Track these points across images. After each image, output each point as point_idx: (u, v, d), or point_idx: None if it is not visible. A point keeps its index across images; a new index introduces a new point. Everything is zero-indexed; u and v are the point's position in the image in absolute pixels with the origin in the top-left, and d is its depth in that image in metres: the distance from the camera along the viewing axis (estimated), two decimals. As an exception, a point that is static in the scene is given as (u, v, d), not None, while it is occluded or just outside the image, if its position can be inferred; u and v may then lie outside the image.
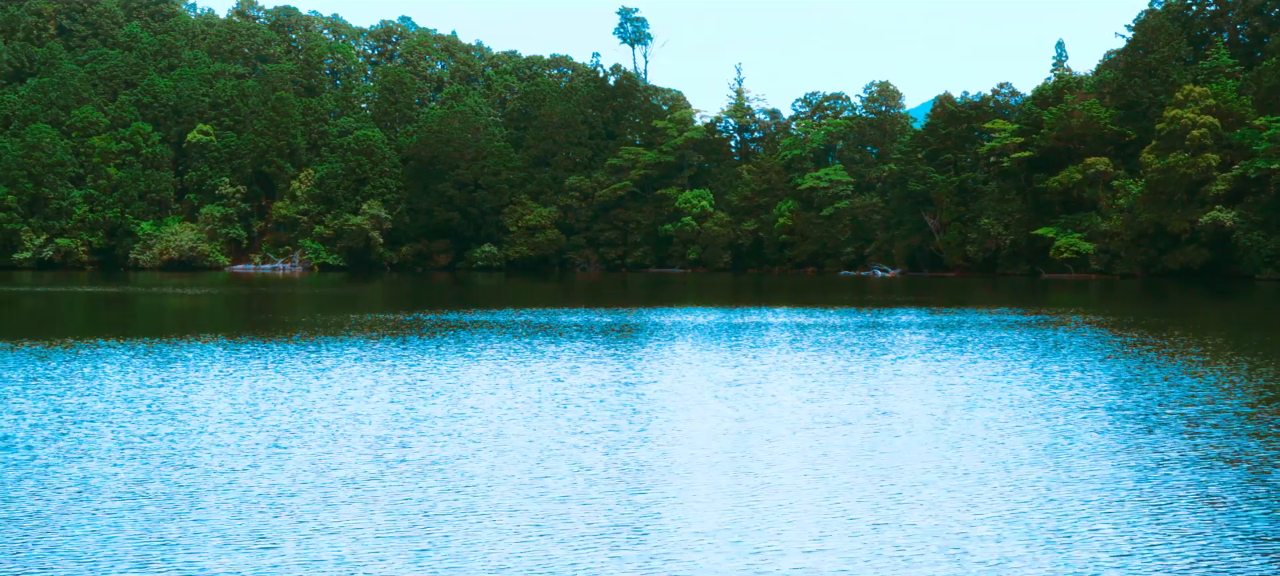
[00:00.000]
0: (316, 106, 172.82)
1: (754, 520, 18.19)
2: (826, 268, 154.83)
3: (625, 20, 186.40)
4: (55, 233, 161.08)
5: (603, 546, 16.69)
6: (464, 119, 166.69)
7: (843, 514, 18.50)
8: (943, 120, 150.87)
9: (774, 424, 27.32)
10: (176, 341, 47.27)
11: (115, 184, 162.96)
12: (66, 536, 17.04)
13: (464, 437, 25.21)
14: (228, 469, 21.83)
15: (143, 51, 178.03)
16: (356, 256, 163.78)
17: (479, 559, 16.08)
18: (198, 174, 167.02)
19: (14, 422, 26.76)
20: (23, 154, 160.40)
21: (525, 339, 49.37)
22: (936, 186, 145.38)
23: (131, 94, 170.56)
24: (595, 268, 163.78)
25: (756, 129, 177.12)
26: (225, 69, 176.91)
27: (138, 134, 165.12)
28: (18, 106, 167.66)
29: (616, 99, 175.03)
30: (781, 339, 50.32)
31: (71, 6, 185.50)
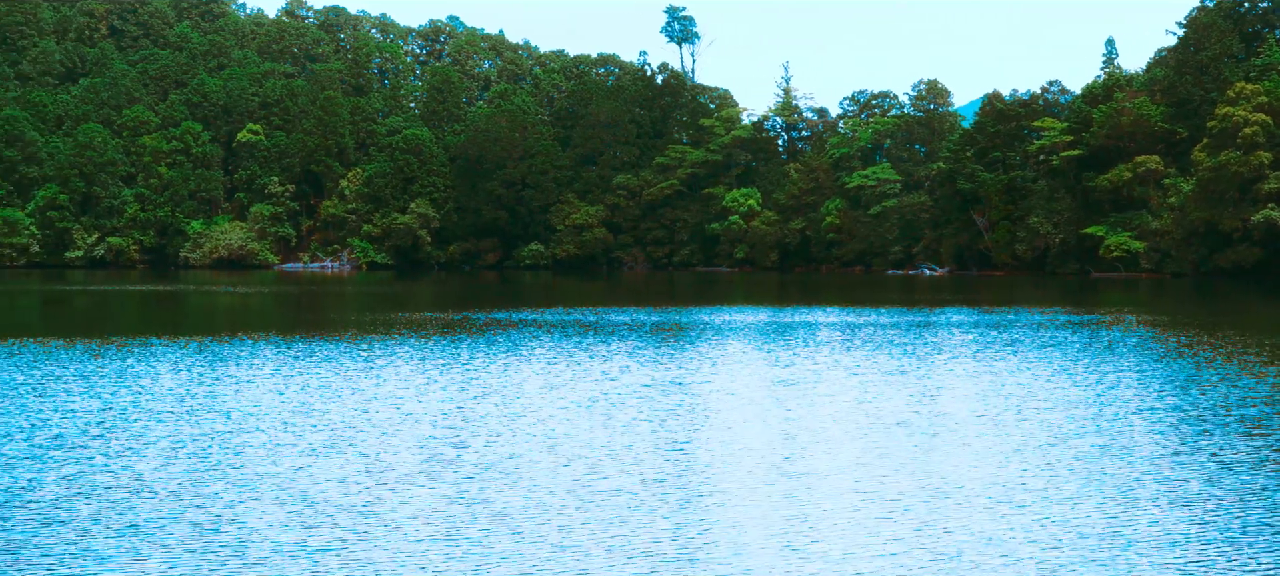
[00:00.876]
0: (365, 106, 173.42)
1: (803, 521, 18.07)
2: (874, 266, 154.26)
3: (672, 19, 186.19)
4: (107, 231, 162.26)
5: (652, 547, 16.61)
6: (511, 118, 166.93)
7: (892, 516, 18.36)
8: (991, 118, 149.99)
9: (825, 424, 27.18)
10: (228, 339, 47.48)
11: (166, 183, 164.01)
12: (118, 536, 17.08)
13: (517, 437, 25.18)
14: (281, 468, 21.86)
15: (193, 51, 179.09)
16: (404, 255, 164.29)
17: (531, 559, 16.03)
18: (247, 173, 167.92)
19: (68, 421, 26.90)
20: (75, 153, 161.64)
21: (575, 338, 49.35)
22: (985, 185, 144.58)
23: (182, 93, 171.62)
24: (642, 266, 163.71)
25: (804, 127, 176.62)
26: (274, 68, 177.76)
27: (188, 133, 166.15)
28: (70, 106, 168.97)
29: (664, 97, 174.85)
30: (831, 338, 50.11)
31: (123, 7, 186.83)
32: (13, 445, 23.84)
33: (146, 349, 43.15)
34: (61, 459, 22.51)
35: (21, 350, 42.15)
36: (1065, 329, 54.61)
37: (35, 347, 43.12)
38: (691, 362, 40.16)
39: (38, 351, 41.74)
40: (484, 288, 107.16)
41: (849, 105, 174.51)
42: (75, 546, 16.50)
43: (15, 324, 61.53)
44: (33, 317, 67.88)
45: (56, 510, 18.51)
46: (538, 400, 30.74)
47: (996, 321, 59.87)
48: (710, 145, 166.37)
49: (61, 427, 25.98)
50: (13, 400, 29.94)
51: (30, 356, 40.04)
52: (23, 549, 16.35)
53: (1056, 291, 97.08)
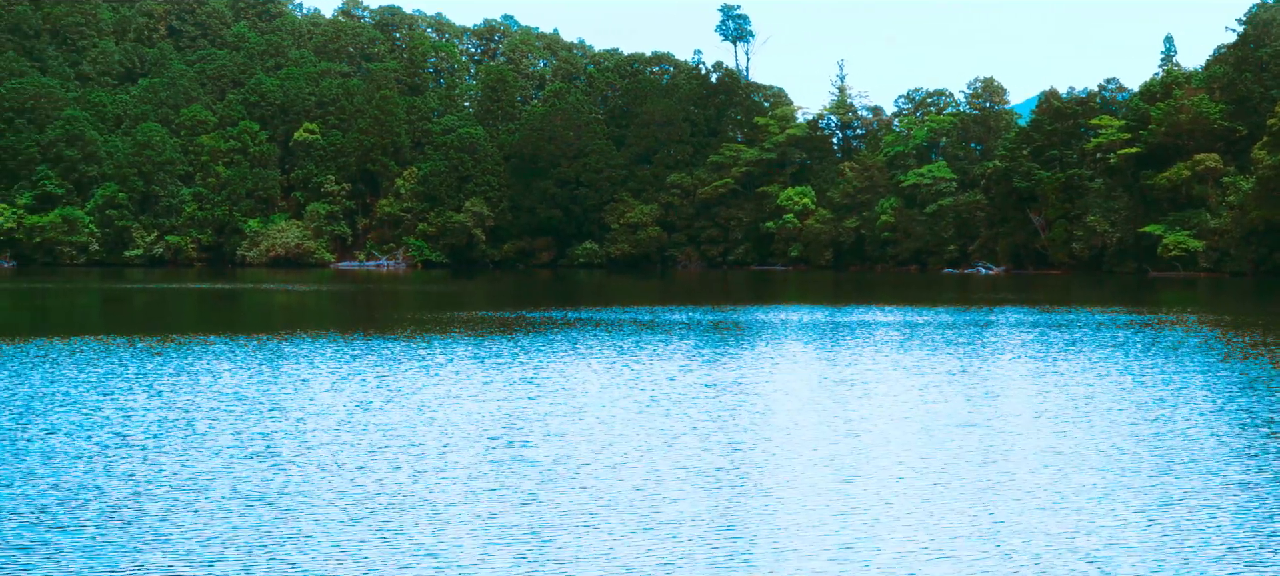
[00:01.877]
0: (420, 105, 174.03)
1: (861, 523, 17.95)
2: (929, 265, 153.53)
3: (727, 17, 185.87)
4: (165, 230, 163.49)
5: (710, 550, 16.54)
6: (566, 116, 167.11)
7: (951, 519, 18.20)
8: (1048, 116, 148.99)
9: (884, 425, 27.03)
10: (286, 337, 47.70)
11: (223, 182, 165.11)
12: (178, 536, 17.15)
13: (576, 436, 25.15)
14: (342, 468, 21.91)
15: (250, 51, 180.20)
16: (459, 254, 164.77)
17: (590, 561, 15.98)
18: (304, 172, 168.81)
19: (127, 419, 27.07)
20: (134, 153, 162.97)
21: (632, 336, 49.31)
22: (1041, 183, 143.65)
23: (239, 93, 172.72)
24: (696, 265, 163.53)
25: (859, 126, 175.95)
26: (331, 68, 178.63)
27: (245, 133, 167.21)
28: (129, 106, 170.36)
29: (718, 96, 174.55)
30: (889, 338, 49.87)
31: (181, 7, 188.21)
32: (76, 443, 24.01)
33: (205, 347, 43.41)
34: (124, 457, 22.64)
35: (83, 348, 42.50)
36: (1127, 329, 54.13)
37: (97, 345, 43.46)
38: (749, 362, 40.05)
39: (99, 349, 42.07)
40: (539, 286, 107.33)
41: (904, 103, 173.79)
42: (138, 545, 16.58)
43: (77, 322, 62.08)
44: (93, 316, 68.46)
45: (119, 509, 18.60)
46: (597, 399, 30.71)
47: (1056, 321, 59.43)
48: (765, 144, 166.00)
49: (123, 426, 26.15)
50: (76, 398, 30.17)
51: (92, 354, 40.35)
52: (86, 547, 16.44)
53: (1114, 291, 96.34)
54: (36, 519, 17.88)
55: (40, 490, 19.71)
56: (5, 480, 20.49)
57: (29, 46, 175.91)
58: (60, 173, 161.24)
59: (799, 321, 59.83)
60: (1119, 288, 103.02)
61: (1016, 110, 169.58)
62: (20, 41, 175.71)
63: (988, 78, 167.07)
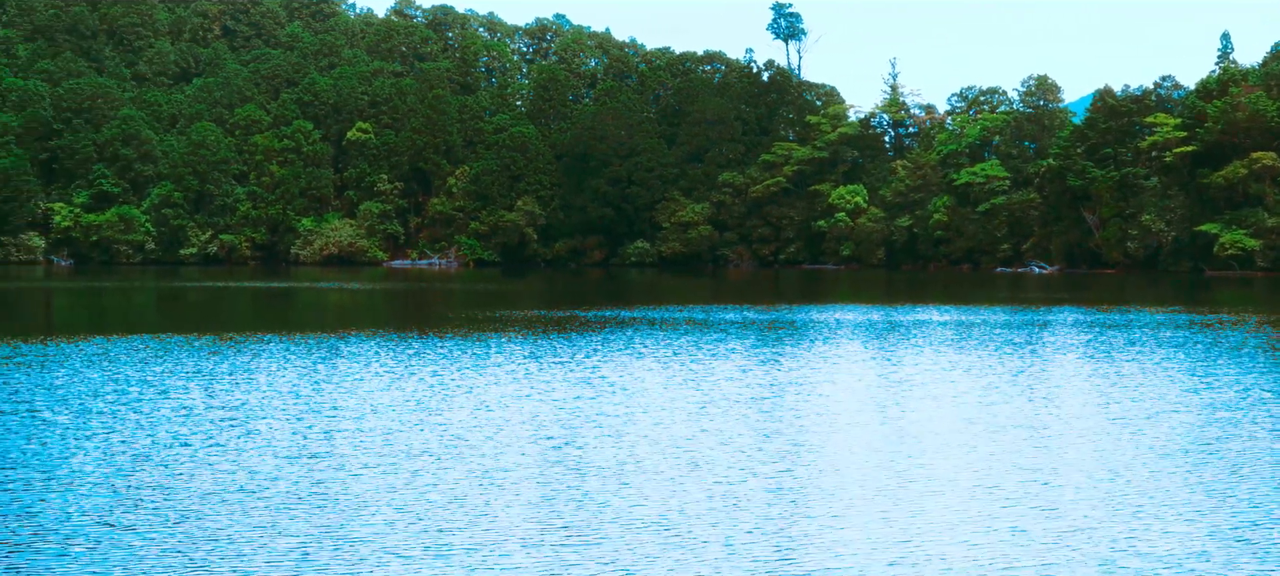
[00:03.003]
0: (472, 104, 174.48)
1: (914, 527, 17.86)
2: (982, 264, 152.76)
3: (779, 16, 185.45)
4: (220, 228, 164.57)
5: (764, 551, 16.50)
6: (617, 115, 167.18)
7: (1002, 523, 18.06)
8: (1103, 114, 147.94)
9: (943, 428, 26.89)
10: (343, 335, 47.91)
11: (277, 181, 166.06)
12: (235, 536, 17.24)
13: (631, 438, 25.14)
14: (398, 469, 21.97)
15: (304, 51, 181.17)
16: (511, 252, 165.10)
17: (645, 563, 15.97)
18: (357, 171, 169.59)
19: (185, 418, 27.24)
20: (189, 152, 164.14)
21: (686, 336, 49.26)
22: (1096, 182, 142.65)
23: (293, 93, 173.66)
24: (748, 264, 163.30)
25: (911, 124, 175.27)
26: (383, 67, 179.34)
27: (299, 132, 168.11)
28: (184, 106, 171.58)
29: (770, 95, 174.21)
30: (944, 337, 49.63)
31: (235, 7, 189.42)
32: (135, 442, 24.18)
33: (261, 345, 43.67)
34: (182, 456, 22.79)
35: (141, 347, 42.82)
36: (1187, 329, 53.62)
37: (154, 344, 43.79)
38: (805, 362, 39.94)
39: (157, 347, 42.39)
40: (590, 285, 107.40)
41: (957, 101, 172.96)
42: (196, 545, 16.68)
43: (134, 320, 62.58)
44: (150, 314, 68.99)
45: (176, 509, 18.73)
46: (654, 400, 30.69)
47: (1114, 321, 58.98)
48: (816, 142, 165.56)
49: (181, 425, 26.31)
50: (134, 396, 30.39)
51: (150, 352, 40.65)
52: (145, 547, 16.54)
53: (1171, 290, 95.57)
54: (96, 519, 18.02)
55: (99, 490, 19.86)
56: (66, 479, 20.67)
57: (86, 47, 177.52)
58: (117, 172, 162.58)
59: (854, 321, 59.63)
60: (1175, 287, 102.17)
61: (1071, 108, 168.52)
62: (78, 42, 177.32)
63: (1042, 75, 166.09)
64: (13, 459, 22.29)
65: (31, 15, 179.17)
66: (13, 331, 50.28)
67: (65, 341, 44.70)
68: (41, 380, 33.30)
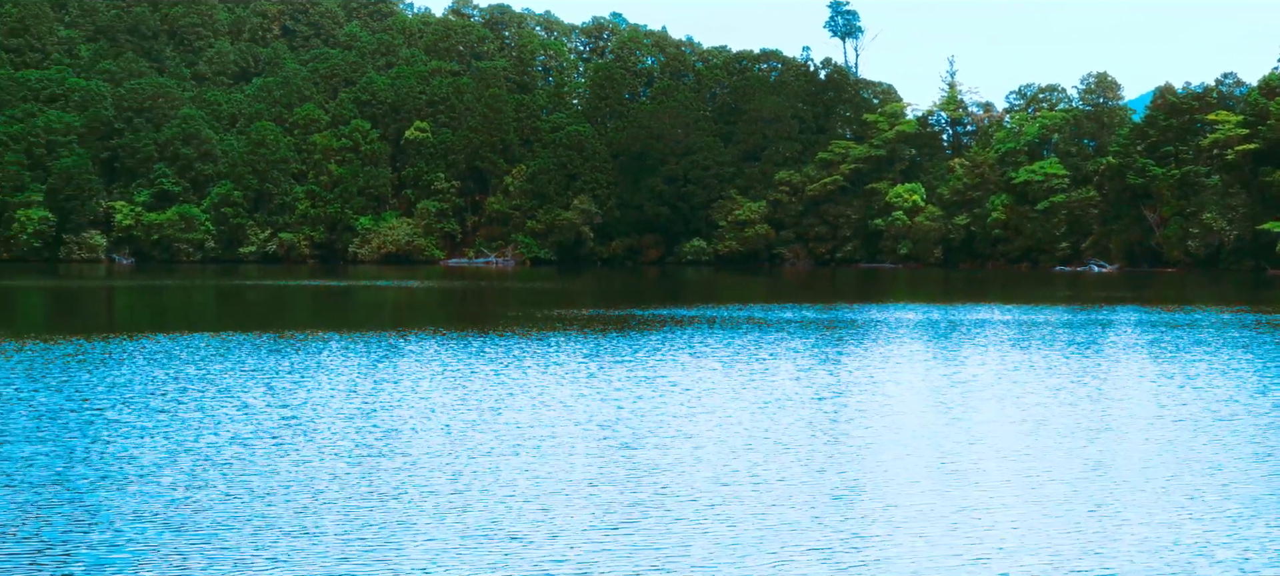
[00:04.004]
0: (529, 103, 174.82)
1: (972, 529, 17.75)
2: (1041, 263, 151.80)
3: (836, 13, 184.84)
4: (279, 227, 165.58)
5: (820, 553, 16.44)
6: (674, 114, 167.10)
7: (1059, 528, 17.89)
8: (1163, 112, 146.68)
9: (1001, 428, 26.70)
10: (402, 333, 48.09)
11: (336, 180, 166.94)
12: (294, 537, 17.30)
13: (695, 438, 25.10)
14: (460, 471, 22.01)
15: (362, 50, 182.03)
16: (567, 251, 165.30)
17: (706, 565, 15.94)
18: (414, 170, 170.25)
19: (246, 417, 27.37)
20: (248, 151, 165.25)
21: (746, 334, 49.16)
22: (1156, 180, 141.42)
23: (351, 92, 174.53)
24: (804, 263, 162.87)
25: (969, 122, 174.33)
26: (441, 67, 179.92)
27: (357, 131, 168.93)
28: (244, 105, 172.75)
29: (827, 93, 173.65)
30: (1005, 337, 49.30)
31: (294, 7, 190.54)
32: (197, 440, 24.33)
33: (321, 343, 43.88)
34: (243, 455, 22.90)
35: (201, 344, 43.12)
36: (1254, 329, 53.01)
37: (215, 341, 44.10)
38: (864, 361, 39.77)
39: (217, 345, 42.68)
40: (647, 284, 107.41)
41: (1015, 99, 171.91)
42: (257, 545, 16.75)
43: (195, 318, 63.06)
44: (210, 312, 69.50)
45: (236, 509, 18.83)
46: (716, 400, 30.64)
47: (1179, 320, 58.41)
48: (874, 140, 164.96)
49: (243, 423, 26.46)
50: (195, 395, 30.60)
51: (211, 350, 40.92)
52: (206, 547, 16.64)
53: (1233, 289, 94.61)
54: (157, 518, 18.14)
55: (161, 489, 19.99)
56: (127, 478, 20.81)
57: (147, 47, 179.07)
58: (177, 171, 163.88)
59: (914, 320, 59.34)
60: (1237, 286, 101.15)
61: (1130, 106, 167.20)
62: (139, 42, 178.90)
63: (1101, 73, 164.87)
64: (75, 457, 22.48)
65: (94, 16, 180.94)
66: (76, 329, 50.77)
67: (127, 339, 45.09)
68: (103, 378, 33.59)
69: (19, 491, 19.60)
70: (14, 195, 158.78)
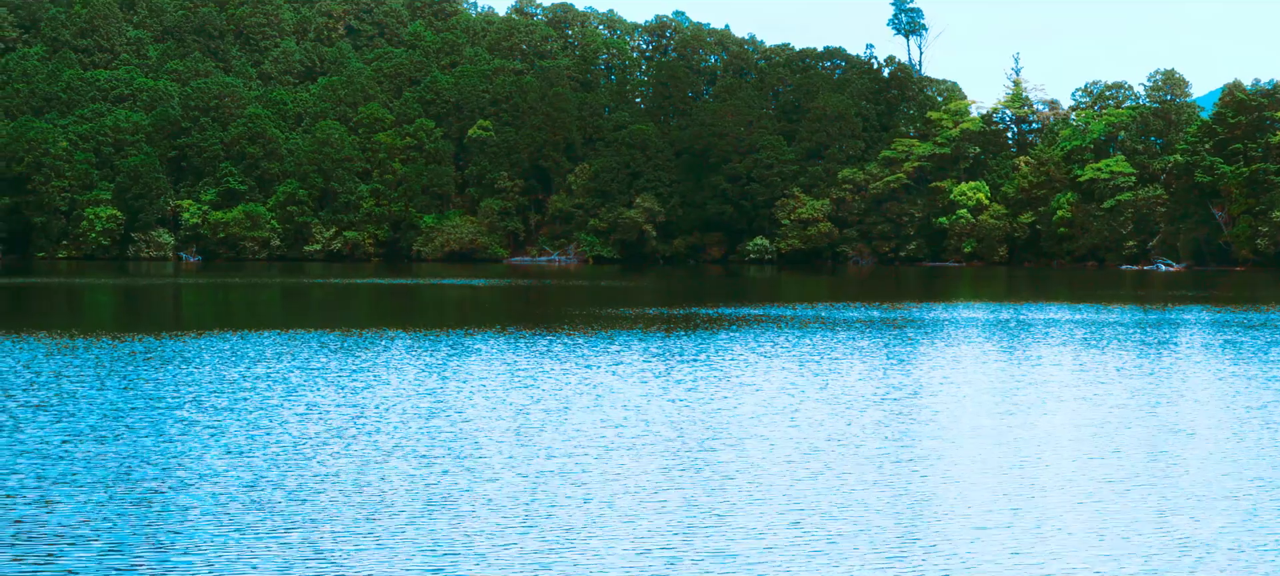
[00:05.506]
0: (592, 101, 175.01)
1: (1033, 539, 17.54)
2: (1107, 261, 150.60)
3: (900, 11, 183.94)
4: (344, 225, 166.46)
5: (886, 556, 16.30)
6: (737, 112, 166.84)
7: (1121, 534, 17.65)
8: (1232, 109, 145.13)
9: (1070, 432, 26.43)
10: (467, 332, 48.18)
11: (400, 178, 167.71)
12: (359, 540, 17.30)
13: (763, 439, 24.99)
14: (522, 473, 21.98)
15: (426, 49, 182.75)
16: (630, 249, 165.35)
17: (769, 566, 15.83)
18: (477, 168, 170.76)
19: (312, 415, 27.44)
20: (313, 150, 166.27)
21: (812, 334, 48.95)
22: (1225, 178, 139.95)
23: (415, 91, 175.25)
24: (868, 261, 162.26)
25: (1034, 120, 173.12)
26: (504, 66, 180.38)
27: (421, 130, 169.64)
28: (309, 104, 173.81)
29: (891, 91, 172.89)
30: (1076, 337, 48.84)
31: (359, 7, 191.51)
32: (263, 439, 24.43)
33: (387, 341, 44.03)
34: (308, 455, 22.96)
35: (268, 342, 43.36)
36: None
37: (282, 339, 44.34)
38: (933, 362, 39.50)
39: (284, 342, 42.91)
40: (710, 283, 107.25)
41: (1081, 96, 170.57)
42: (323, 549, 16.78)
43: (261, 316, 63.46)
44: (276, 310, 69.93)
45: (303, 511, 18.86)
46: (784, 402, 30.50)
47: (1250, 320, 57.68)
48: (938, 138, 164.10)
49: (309, 424, 26.54)
50: (262, 393, 30.75)
51: (278, 348, 41.14)
52: (269, 547, 16.67)
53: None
54: (223, 518, 18.20)
55: (228, 490, 20.05)
56: (193, 478, 20.91)
57: (214, 47, 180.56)
58: (243, 170, 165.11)
59: (982, 319, 58.91)
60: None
61: (1198, 103, 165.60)
62: (206, 42, 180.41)
63: (1168, 70, 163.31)
64: (143, 456, 22.62)
65: (161, 16, 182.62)
66: (144, 327, 51.20)
67: (194, 337, 45.43)
68: (171, 376, 33.83)
69: (88, 491, 19.72)
70: (83, 194, 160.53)
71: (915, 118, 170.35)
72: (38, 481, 20.32)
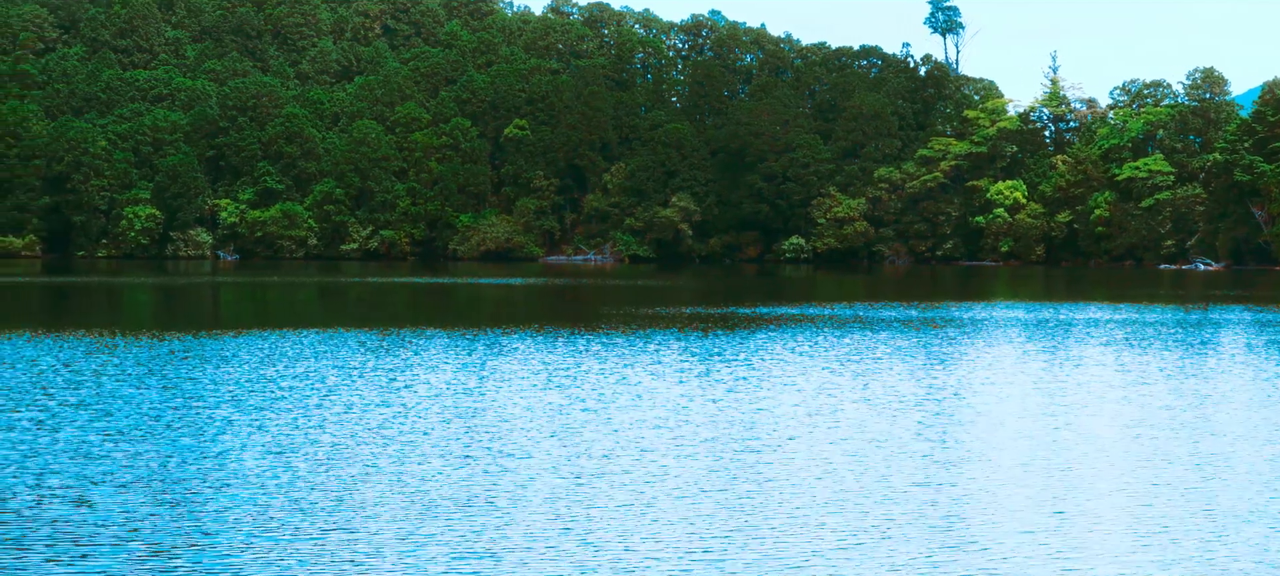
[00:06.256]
0: (628, 100, 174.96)
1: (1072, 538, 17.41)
2: (1145, 261, 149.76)
3: (936, 9, 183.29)
4: (380, 224, 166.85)
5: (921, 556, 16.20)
6: (773, 111, 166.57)
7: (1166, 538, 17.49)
8: (1271, 107, 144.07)
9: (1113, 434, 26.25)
10: (503, 331, 48.18)
11: (436, 178, 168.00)
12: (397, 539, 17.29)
13: (810, 441, 24.90)
14: (560, 475, 21.94)
15: (462, 49, 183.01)
16: (666, 248, 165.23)
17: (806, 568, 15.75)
18: (513, 167, 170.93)
19: (352, 415, 27.46)
20: (350, 149, 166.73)
21: (850, 334, 48.77)
22: (1264, 176, 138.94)
23: (451, 90, 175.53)
24: (904, 260, 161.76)
25: (1072, 118, 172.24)
26: (540, 65, 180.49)
27: (457, 129, 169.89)
28: (346, 104, 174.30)
29: (927, 89, 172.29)
30: (1113, 337, 48.53)
31: (396, 7, 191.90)
32: (303, 439, 24.45)
33: (424, 340, 44.07)
34: (347, 456, 22.98)
35: (305, 341, 43.45)
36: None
37: (319, 338, 44.43)
38: (974, 362, 39.29)
39: (322, 341, 42.99)
40: (746, 282, 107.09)
41: (1119, 95, 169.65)
42: (361, 551, 16.77)
43: (299, 315, 63.64)
44: (313, 308, 70.12)
45: (339, 511, 18.87)
46: (821, 400, 30.38)
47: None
48: (974, 137, 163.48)
49: (346, 423, 26.55)
50: (300, 392, 30.80)
51: (316, 346, 41.21)
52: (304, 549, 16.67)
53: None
54: (262, 519, 18.21)
55: (267, 490, 20.06)
56: (232, 478, 20.93)
57: (251, 47, 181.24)
58: (280, 169, 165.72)
59: (1022, 319, 58.60)
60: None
61: (1238, 101, 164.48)
62: (243, 42, 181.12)
63: (1207, 68, 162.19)
64: (181, 454, 22.67)
65: (199, 17, 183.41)
66: (182, 326, 51.40)
67: (232, 336, 45.57)
68: (210, 374, 33.93)
69: (128, 491, 19.78)
70: (123, 193, 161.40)
71: (952, 116, 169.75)
72: (77, 481, 20.39)
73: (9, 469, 21.26)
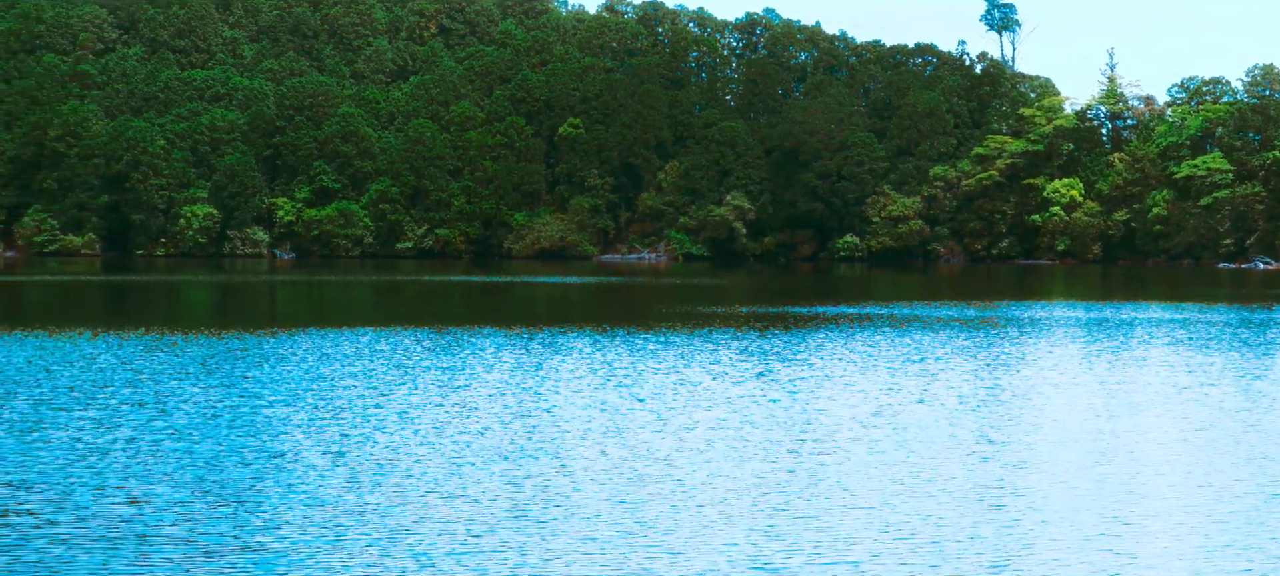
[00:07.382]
0: (682, 99, 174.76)
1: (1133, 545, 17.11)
2: (1203, 260, 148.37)
3: (992, 7, 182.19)
4: (435, 223, 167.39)
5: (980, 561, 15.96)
6: (827, 109, 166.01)
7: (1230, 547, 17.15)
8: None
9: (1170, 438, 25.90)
10: (560, 330, 48.11)
11: (490, 176, 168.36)
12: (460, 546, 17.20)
13: (866, 442, 24.69)
14: (630, 475, 21.82)
15: (516, 48, 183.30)
16: (720, 247, 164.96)
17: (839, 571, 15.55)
18: (568, 166, 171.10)
19: (407, 415, 27.42)
20: (405, 148, 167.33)
21: (908, 334, 48.46)
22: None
23: (506, 89, 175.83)
24: (959, 259, 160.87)
25: (1129, 116, 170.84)
26: (594, 64, 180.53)
27: (512, 128, 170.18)
28: (401, 103, 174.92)
29: (983, 87, 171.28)
30: (1175, 337, 47.97)
31: (451, 6, 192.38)
32: (359, 441, 24.42)
33: (480, 339, 44.05)
34: (408, 458, 22.91)
35: (363, 339, 43.52)
36: None
37: (376, 336, 44.50)
38: (1034, 363, 38.91)
39: (378, 339, 43.05)
40: (801, 281, 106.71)
41: (1177, 92, 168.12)
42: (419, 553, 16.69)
43: (355, 313, 63.82)
44: (369, 306, 70.32)
45: (395, 512, 18.79)
46: (882, 400, 30.14)
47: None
48: (1031, 135, 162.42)
49: (405, 424, 26.49)
50: (356, 390, 30.80)
51: (373, 344, 41.26)
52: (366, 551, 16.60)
53: None
54: (317, 519, 18.14)
55: (322, 490, 19.98)
56: (290, 479, 20.89)
57: (308, 47, 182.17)
58: (336, 168, 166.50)
59: (1081, 319, 58.07)
60: None
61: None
62: (300, 42, 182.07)
63: (1267, 64, 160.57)
64: (239, 453, 22.67)
65: (257, 16, 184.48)
66: (240, 324, 51.61)
67: (290, 334, 45.70)
68: (267, 372, 33.99)
69: (185, 490, 19.77)
70: (181, 192, 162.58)
71: (1008, 114, 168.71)
72: (133, 479, 20.39)
73: (69, 467, 21.31)
